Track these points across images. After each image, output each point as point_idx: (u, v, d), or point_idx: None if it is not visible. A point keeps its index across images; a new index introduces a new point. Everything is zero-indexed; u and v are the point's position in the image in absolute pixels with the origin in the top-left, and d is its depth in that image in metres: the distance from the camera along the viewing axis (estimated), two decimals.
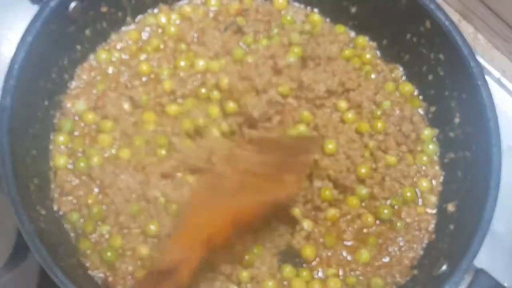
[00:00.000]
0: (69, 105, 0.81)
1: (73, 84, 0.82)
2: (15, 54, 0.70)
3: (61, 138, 0.79)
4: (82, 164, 0.77)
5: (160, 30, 0.87)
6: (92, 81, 0.83)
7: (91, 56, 0.84)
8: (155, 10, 0.88)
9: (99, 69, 0.83)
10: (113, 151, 0.78)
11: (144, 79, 0.83)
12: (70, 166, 0.78)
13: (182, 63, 0.84)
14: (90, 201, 0.75)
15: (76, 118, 0.80)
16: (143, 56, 0.85)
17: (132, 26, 0.87)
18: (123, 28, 0.86)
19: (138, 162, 0.77)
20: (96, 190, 0.76)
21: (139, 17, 0.87)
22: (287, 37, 0.86)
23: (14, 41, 0.71)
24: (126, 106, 0.81)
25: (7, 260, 0.79)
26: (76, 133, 0.80)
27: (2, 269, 0.79)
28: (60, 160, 0.77)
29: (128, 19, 0.86)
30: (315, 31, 0.87)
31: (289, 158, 0.73)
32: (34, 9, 0.73)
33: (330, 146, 0.79)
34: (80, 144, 0.79)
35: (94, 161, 0.77)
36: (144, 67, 0.83)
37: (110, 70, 0.84)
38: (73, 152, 0.79)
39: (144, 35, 0.87)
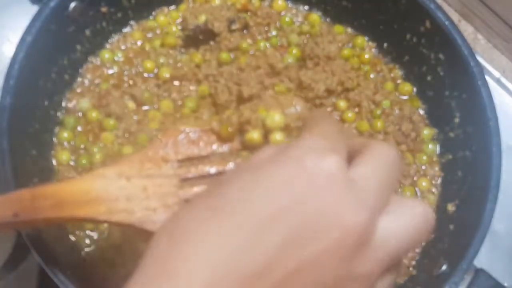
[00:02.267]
0: (73, 102, 0.81)
1: (77, 82, 0.82)
2: (15, 54, 0.70)
3: (65, 134, 0.79)
4: (84, 161, 0.77)
5: (164, 30, 0.87)
6: (96, 79, 0.83)
7: (94, 56, 0.84)
8: (156, 11, 0.88)
9: (103, 68, 0.84)
10: (116, 148, 0.79)
11: (147, 76, 0.84)
12: (72, 163, 0.78)
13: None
14: None
15: (80, 114, 0.81)
16: (146, 55, 0.85)
17: (135, 27, 0.87)
18: (125, 29, 0.86)
19: None
20: None
21: (141, 18, 0.87)
22: (285, 38, 0.87)
23: (15, 41, 0.71)
24: (130, 104, 0.81)
25: (7, 261, 0.79)
26: (79, 130, 0.80)
27: (1, 270, 0.79)
28: (63, 156, 0.78)
29: (130, 19, 0.86)
30: (313, 31, 0.88)
31: None
32: (34, 9, 0.73)
33: None
34: (83, 141, 0.79)
35: (96, 158, 0.77)
36: (148, 65, 0.84)
37: (114, 69, 0.84)
38: (76, 148, 0.79)
39: (148, 35, 0.87)
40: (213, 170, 0.60)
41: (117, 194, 0.56)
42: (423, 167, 0.83)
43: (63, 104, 0.81)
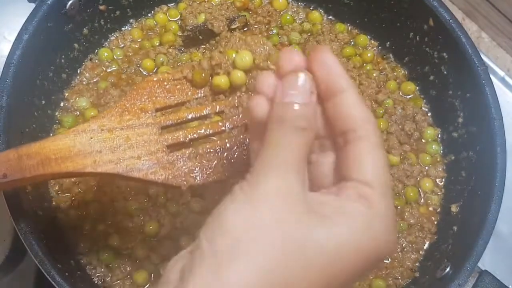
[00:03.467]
0: (71, 101, 0.80)
1: (75, 81, 0.82)
2: (11, 52, 0.69)
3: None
4: None
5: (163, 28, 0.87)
6: (94, 78, 0.82)
7: (92, 54, 0.83)
8: (155, 9, 0.87)
9: (102, 67, 0.83)
10: None
11: (146, 75, 0.83)
12: None
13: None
14: (88, 198, 0.75)
15: (77, 113, 0.80)
16: (145, 53, 0.84)
17: (134, 25, 0.86)
18: (124, 27, 0.86)
19: None
20: (95, 187, 0.75)
21: (140, 16, 0.87)
22: (286, 37, 0.86)
23: (12, 40, 0.70)
24: None
25: (3, 262, 0.78)
26: None
27: None
28: None
29: (129, 18, 0.86)
30: (314, 29, 0.87)
31: None
32: (31, 7, 0.72)
33: None
34: None
35: None
36: (148, 64, 0.83)
37: (113, 67, 0.83)
38: None
39: (147, 33, 0.87)
40: (191, 115, 0.62)
41: (100, 146, 0.58)
42: (427, 168, 0.82)
43: (61, 103, 0.80)
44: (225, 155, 0.61)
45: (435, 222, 0.79)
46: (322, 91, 0.44)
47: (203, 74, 0.63)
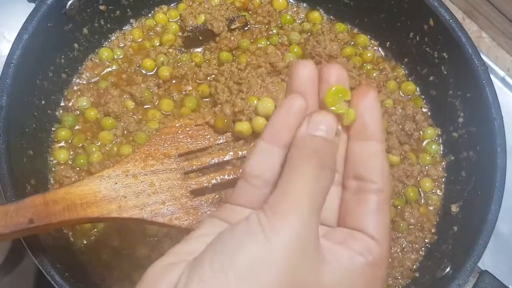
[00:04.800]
0: (71, 101, 0.80)
1: (76, 80, 0.82)
2: (11, 52, 0.69)
3: (63, 133, 0.78)
4: (82, 161, 0.77)
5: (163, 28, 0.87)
6: (94, 78, 0.82)
7: (93, 54, 0.83)
8: (156, 9, 0.87)
9: (102, 67, 0.83)
10: (114, 147, 0.78)
11: (146, 75, 0.83)
12: (69, 162, 0.77)
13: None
14: None
15: (78, 113, 0.80)
16: (146, 53, 0.84)
17: (134, 25, 0.86)
18: (124, 27, 0.86)
19: None
20: None
21: (140, 16, 0.87)
22: (286, 37, 0.86)
23: (12, 40, 0.70)
24: (129, 103, 0.80)
25: (3, 262, 0.78)
26: (77, 129, 0.79)
27: None
28: (61, 155, 0.77)
29: (129, 18, 0.86)
30: (314, 29, 0.87)
31: None
32: (31, 7, 0.72)
33: None
34: (81, 140, 0.79)
35: (94, 157, 0.77)
36: (148, 64, 0.83)
37: (113, 67, 0.83)
38: (74, 147, 0.78)
39: (147, 33, 0.87)
40: (213, 161, 0.63)
41: (125, 191, 0.59)
42: (427, 168, 0.82)
43: (62, 103, 0.80)
44: None
45: (435, 222, 0.79)
46: (355, 129, 0.44)
47: (225, 120, 0.65)
